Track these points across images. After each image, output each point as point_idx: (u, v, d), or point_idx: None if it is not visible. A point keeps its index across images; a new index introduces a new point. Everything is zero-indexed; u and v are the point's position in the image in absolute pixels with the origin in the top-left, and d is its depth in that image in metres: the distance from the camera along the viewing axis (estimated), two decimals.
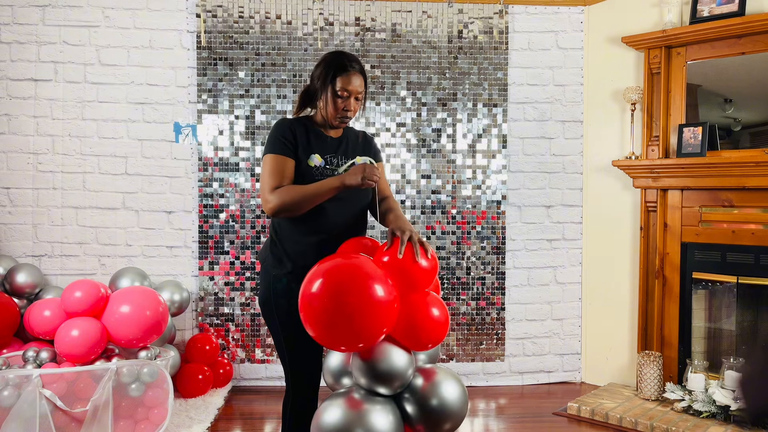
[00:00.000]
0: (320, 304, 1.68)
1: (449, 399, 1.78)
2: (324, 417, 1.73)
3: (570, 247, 4.12)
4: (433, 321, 1.80)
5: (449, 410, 1.77)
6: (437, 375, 1.83)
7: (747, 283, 3.38)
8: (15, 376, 2.64)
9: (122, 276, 3.59)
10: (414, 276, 1.80)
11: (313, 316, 1.70)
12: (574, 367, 4.13)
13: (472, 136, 4.02)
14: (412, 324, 1.78)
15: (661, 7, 3.64)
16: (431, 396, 1.78)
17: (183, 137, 3.92)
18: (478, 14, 4.00)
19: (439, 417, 1.77)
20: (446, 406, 1.77)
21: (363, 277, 1.70)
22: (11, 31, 3.79)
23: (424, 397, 1.78)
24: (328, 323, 1.67)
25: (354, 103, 2.12)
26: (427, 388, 1.79)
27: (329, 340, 1.73)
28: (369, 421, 1.68)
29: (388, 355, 1.75)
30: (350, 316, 1.65)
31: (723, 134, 3.49)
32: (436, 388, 1.79)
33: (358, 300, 1.66)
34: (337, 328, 1.67)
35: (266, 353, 3.95)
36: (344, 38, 3.95)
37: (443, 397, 1.77)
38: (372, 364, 1.75)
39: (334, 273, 1.72)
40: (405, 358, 1.77)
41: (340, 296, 1.66)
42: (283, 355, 2.14)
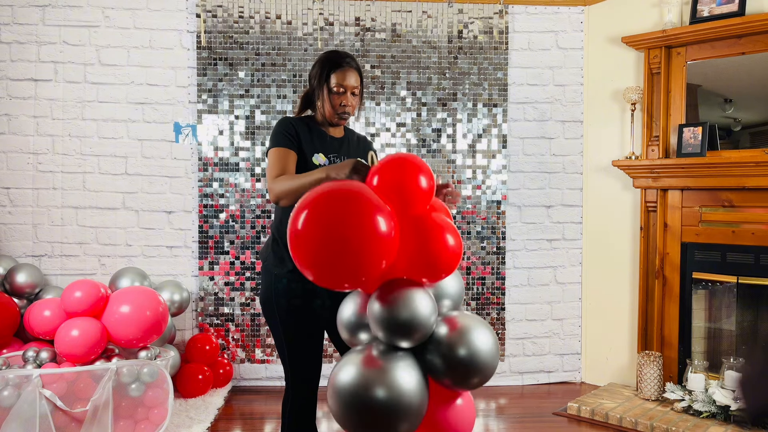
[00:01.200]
0: (309, 242, 1.44)
1: (478, 348, 1.57)
2: (341, 377, 1.51)
3: (570, 247, 4.12)
4: (442, 242, 1.55)
5: (479, 361, 1.56)
6: (463, 322, 1.61)
7: (747, 283, 3.38)
8: (15, 376, 2.64)
9: (122, 276, 3.59)
10: (410, 189, 1.57)
11: (304, 256, 1.46)
12: (574, 367, 4.13)
13: (472, 136, 4.02)
14: (421, 248, 1.54)
15: (661, 7, 3.64)
16: (458, 346, 1.56)
17: (183, 137, 3.92)
18: (478, 14, 4.00)
19: (468, 369, 1.56)
20: (475, 357, 1.56)
21: (353, 202, 1.47)
22: (11, 31, 3.79)
23: (449, 348, 1.56)
24: (321, 261, 1.45)
25: (351, 98, 2.14)
26: (453, 337, 1.57)
27: (328, 281, 1.51)
28: (391, 379, 1.48)
29: (408, 302, 1.53)
30: (344, 249, 1.42)
31: (723, 134, 3.49)
32: (463, 336, 1.57)
33: (353, 230, 1.43)
34: (332, 265, 1.45)
35: (266, 353, 3.95)
36: (344, 38, 3.95)
37: (471, 346, 1.56)
38: (390, 312, 1.53)
39: (320, 203, 1.47)
40: (427, 303, 1.55)
41: (331, 229, 1.43)
42: (284, 354, 2.15)
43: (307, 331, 2.12)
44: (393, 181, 1.56)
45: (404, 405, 1.47)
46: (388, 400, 1.45)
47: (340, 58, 2.14)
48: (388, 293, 1.55)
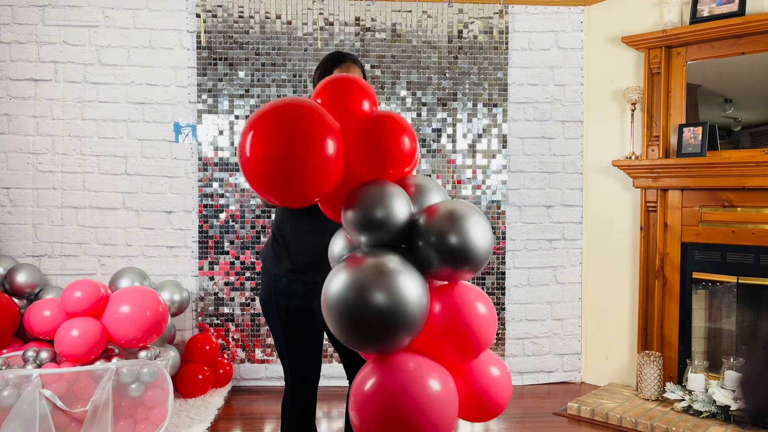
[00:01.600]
0: (256, 163, 1.33)
1: (468, 232, 1.40)
2: (331, 289, 1.35)
3: (570, 247, 4.12)
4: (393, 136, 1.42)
5: (469, 246, 1.39)
6: (441, 206, 1.45)
7: (747, 283, 3.38)
8: (15, 376, 2.64)
9: (122, 276, 3.59)
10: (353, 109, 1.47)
11: (256, 183, 1.37)
12: (574, 367, 4.13)
13: (472, 136, 4.02)
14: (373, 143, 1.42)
15: (661, 7, 3.64)
16: (444, 233, 1.39)
17: (183, 137, 3.92)
18: (478, 14, 4.00)
19: (460, 254, 1.39)
20: (466, 243, 1.39)
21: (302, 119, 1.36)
22: (11, 31, 3.79)
23: (438, 235, 1.39)
24: (271, 185, 1.35)
25: None
26: (432, 222, 1.41)
27: (282, 200, 1.41)
28: (391, 281, 1.33)
29: (373, 195, 1.41)
30: (292, 171, 1.32)
31: (723, 134, 3.49)
32: (446, 221, 1.41)
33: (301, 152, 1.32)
34: (280, 185, 1.35)
35: (266, 353, 3.95)
36: (344, 38, 3.95)
37: (460, 231, 1.39)
38: (355, 213, 1.42)
39: (263, 122, 1.36)
40: (391, 191, 1.42)
41: (281, 148, 1.32)
42: (283, 354, 2.15)
43: (306, 332, 2.12)
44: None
45: (401, 307, 1.32)
46: (386, 301, 1.31)
47: (341, 55, 2.18)
48: (353, 197, 1.44)
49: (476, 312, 1.45)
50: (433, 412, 1.33)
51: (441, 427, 1.34)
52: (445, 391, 1.37)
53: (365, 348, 1.38)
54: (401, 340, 1.35)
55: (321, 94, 1.50)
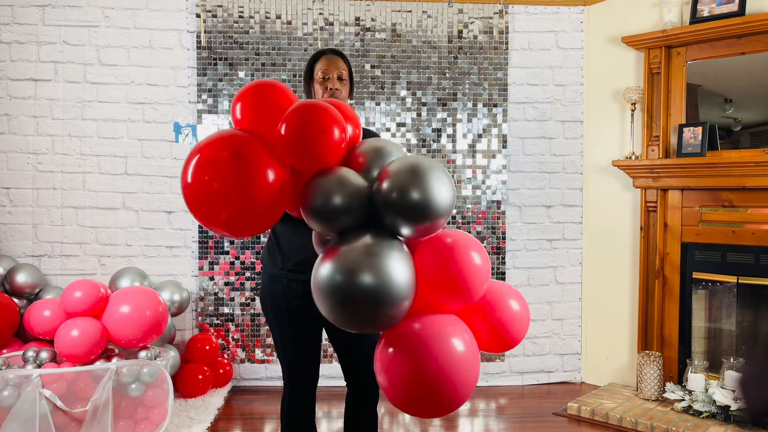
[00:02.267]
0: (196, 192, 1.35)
1: (422, 186, 1.34)
2: (320, 275, 1.37)
3: (570, 247, 4.12)
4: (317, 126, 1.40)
5: (426, 198, 1.34)
6: (391, 167, 1.39)
7: (747, 283, 3.38)
8: (15, 376, 2.64)
9: (122, 276, 3.59)
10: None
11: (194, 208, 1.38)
12: (574, 367, 4.13)
13: (472, 136, 4.02)
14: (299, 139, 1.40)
15: (661, 7, 3.64)
16: (398, 192, 1.34)
17: (183, 137, 3.92)
18: (478, 14, 4.00)
19: (420, 209, 1.34)
20: (425, 195, 1.34)
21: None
22: (11, 31, 3.79)
23: (391, 198, 1.36)
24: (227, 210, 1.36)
25: (338, 82, 2.17)
26: (387, 185, 1.36)
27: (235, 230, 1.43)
28: (372, 263, 1.32)
29: (320, 186, 1.39)
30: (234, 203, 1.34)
31: (723, 134, 3.49)
32: (398, 179, 1.36)
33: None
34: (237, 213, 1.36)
35: (266, 353, 3.95)
36: (344, 38, 3.95)
37: (417, 185, 1.34)
38: (309, 208, 1.41)
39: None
40: (339, 177, 1.40)
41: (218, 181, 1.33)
42: (281, 354, 2.15)
43: (305, 332, 2.12)
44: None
45: (385, 283, 1.31)
46: (368, 284, 1.30)
47: (321, 50, 2.22)
48: (303, 191, 1.44)
49: (465, 258, 1.41)
50: (455, 367, 1.35)
51: (464, 379, 1.37)
52: (466, 346, 1.39)
53: (366, 328, 1.38)
54: (396, 313, 1.34)
55: (242, 106, 1.48)
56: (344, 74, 2.18)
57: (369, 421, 2.24)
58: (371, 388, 2.22)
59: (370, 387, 2.22)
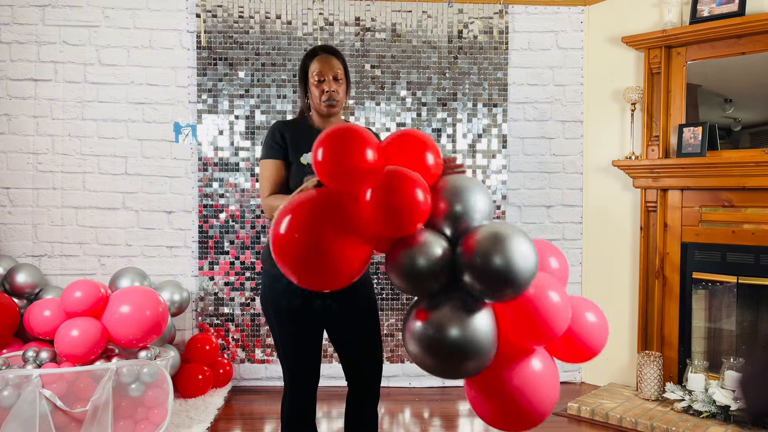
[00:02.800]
0: (291, 245, 1.46)
1: (508, 256, 1.42)
2: (414, 331, 1.50)
3: (570, 247, 4.12)
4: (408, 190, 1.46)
5: (512, 269, 1.41)
6: (477, 235, 1.46)
7: (747, 283, 3.38)
8: (15, 376, 2.64)
9: (122, 276, 3.59)
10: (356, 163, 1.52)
11: (286, 259, 1.49)
12: (574, 367, 4.13)
13: (472, 136, 4.02)
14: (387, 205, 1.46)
15: (661, 7, 3.64)
16: (481, 264, 1.42)
17: (183, 137, 3.92)
18: (478, 14, 4.00)
19: (503, 280, 1.42)
20: (509, 265, 1.41)
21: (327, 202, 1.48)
22: (11, 31, 3.79)
23: (476, 269, 1.44)
24: (303, 263, 1.47)
25: (334, 83, 2.14)
26: (472, 256, 1.44)
27: (307, 282, 1.53)
28: (450, 326, 1.45)
29: (404, 258, 1.46)
30: (322, 258, 1.44)
31: (723, 134, 3.49)
32: (483, 249, 1.43)
33: (330, 241, 1.43)
34: (311, 270, 1.47)
35: (266, 353, 3.95)
36: (344, 38, 3.95)
37: (502, 255, 1.41)
38: (395, 274, 1.50)
39: (302, 210, 1.49)
40: (423, 252, 1.46)
41: (312, 236, 1.44)
42: (282, 354, 2.14)
43: (305, 332, 2.12)
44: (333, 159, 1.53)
45: (468, 343, 1.45)
46: (454, 342, 1.45)
47: (316, 49, 2.19)
48: (389, 257, 1.53)
49: (548, 306, 1.51)
50: (539, 399, 1.56)
51: (548, 401, 1.58)
52: (548, 372, 1.58)
53: (455, 377, 1.54)
54: (479, 366, 1.49)
55: (323, 151, 1.53)
56: (339, 74, 2.15)
57: (369, 420, 2.24)
58: (372, 388, 2.22)
59: (370, 387, 2.22)
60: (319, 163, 1.53)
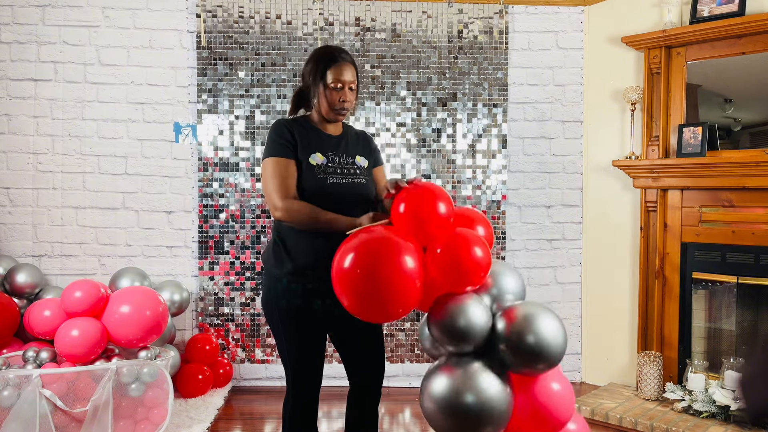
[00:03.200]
0: (353, 278, 1.65)
1: (543, 334, 1.63)
2: (434, 389, 1.70)
3: (570, 247, 4.12)
4: (471, 254, 1.68)
5: (545, 346, 1.63)
6: (519, 311, 1.68)
7: (747, 283, 3.38)
8: (15, 376, 2.64)
9: (122, 276, 3.59)
10: (432, 209, 1.73)
11: (346, 290, 1.68)
12: (574, 367, 4.13)
13: (472, 136, 4.02)
14: (452, 261, 1.68)
15: (661, 7, 3.64)
16: (521, 336, 1.63)
17: (183, 137, 3.92)
18: (478, 14, 4.00)
19: (536, 355, 1.63)
20: (541, 342, 1.62)
21: (392, 247, 1.66)
22: (11, 31, 3.79)
23: (513, 340, 1.64)
24: (361, 295, 1.66)
25: (349, 93, 2.11)
26: (512, 328, 1.65)
27: (362, 312, 1.71)
28: (475, 386, 1.62)
29: (459, 310, 1.64)
30: (381, 288, 1.62)
31: (723, 134, 3.49)
32: (523, 325, 1.65)
33: (389, 271, 1.62)
34: (369, 300, 1.65)
35: (266, 353, 3.95)
36: (344, 38, 3.95)
37: (536, 332, 1.63)
38: (445, 324, 1.66)
39: (364, 246, 1.69)
40: (475, 307, 1.66)
41: (372, 269, 1.63)
42: (284, 355, 2.14)
43: (307, 332, 2.11)
44: (413, 211, 1.72)
45: (487, 407, 1.61)
46: (472, 404, 1.61)
47: (335, 53, 2.11)
48: (438, 308, 1.70)
49: (553, 397, 1.69)
50: None
51: None
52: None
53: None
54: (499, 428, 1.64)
55: (406, 206, 1.74)
56: (354, 85, 2.13)
57: (370, 420, 2.25)
58: (372, 388, 2.23)
59: (371, 387, 2.22)
60: (399, 215, 1.73)
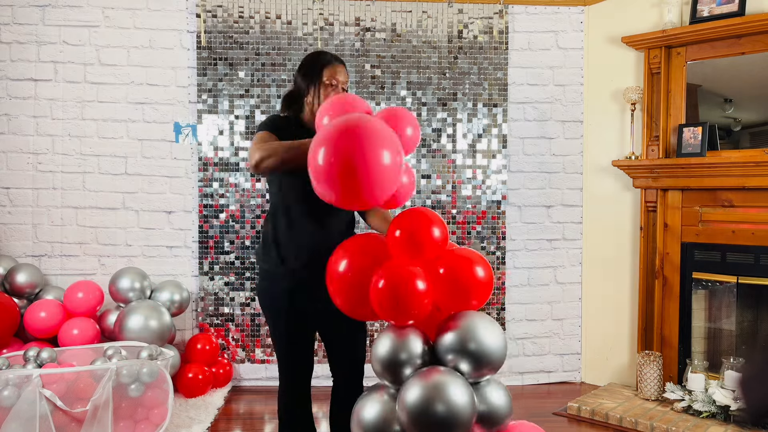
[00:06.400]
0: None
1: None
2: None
3: (570, 247, 4.12)
4: (472, 274, 1.79)
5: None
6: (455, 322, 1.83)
7: (747, 283, 3.38)
8: (15, 376, 2.64)
9: (122, 276, 3.59)
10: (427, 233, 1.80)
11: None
12: (574, 367, 4.13)
13: (472, 136, 4.02)
14: (452, 281, 1.78)
15: (661, 7, 3.64)
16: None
17: (183, 137, 3.92)
18: (478, 14, 4.00)
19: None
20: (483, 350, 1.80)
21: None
22: (11, 31, 3.79)
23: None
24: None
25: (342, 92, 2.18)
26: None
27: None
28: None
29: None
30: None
31: (723, 134, 3.49)
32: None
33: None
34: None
35: (266, 353, 3.95)
36: (344, 38, 3.95)
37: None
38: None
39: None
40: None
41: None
42: (275, 342, 2.21)
43: (294, 325, 2.16)
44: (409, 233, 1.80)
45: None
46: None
47: (329, 55, 2.21)
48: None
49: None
50: None
51: None
52: None
53: None
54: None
55: (399, 228, 1.82)
56: (347, 86, 2.21)
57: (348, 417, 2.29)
58: (357, 386, 2.27)
59: (356, 386, 2.27)
60: (395, 239, 1.81)
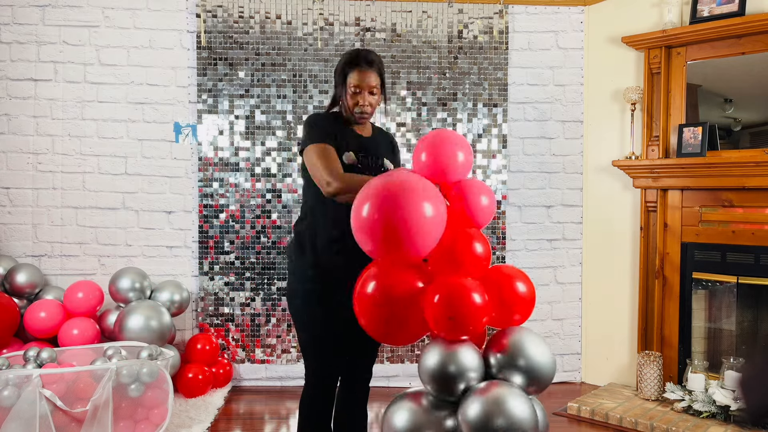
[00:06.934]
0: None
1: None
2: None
3: (570, 247, 4.12)
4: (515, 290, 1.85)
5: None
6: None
7: (747, 283, 3.38)
8: (15, 376, 2.64)
9: (122, 276, 3.59)
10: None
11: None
12: (574, 367, 4.13)
13: (472, 136, 4.02)
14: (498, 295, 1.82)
15: (661, 7, 3.64)
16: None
17: (183, 137, 3.92)
18: (478, 14, 4.00)
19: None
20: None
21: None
22: (11, 31, 3.79)
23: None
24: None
25: (369, 97, 2.15)
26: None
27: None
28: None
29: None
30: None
31: (723, 134, 3.49)
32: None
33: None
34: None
35: (266, 353, 3.95)
36: (344, 38, 3.95)
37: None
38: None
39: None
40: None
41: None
42: (304, 347, 2.17)
43: (326, 324, 2.13)
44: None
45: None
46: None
47: (357, 59, 2.14)
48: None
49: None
50: None
51: None
52: None
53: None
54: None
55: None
56: (375, 89, 2.15)
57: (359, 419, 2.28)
58: (364, 387, 2.26)
59: (362, 386, 2.25)
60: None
